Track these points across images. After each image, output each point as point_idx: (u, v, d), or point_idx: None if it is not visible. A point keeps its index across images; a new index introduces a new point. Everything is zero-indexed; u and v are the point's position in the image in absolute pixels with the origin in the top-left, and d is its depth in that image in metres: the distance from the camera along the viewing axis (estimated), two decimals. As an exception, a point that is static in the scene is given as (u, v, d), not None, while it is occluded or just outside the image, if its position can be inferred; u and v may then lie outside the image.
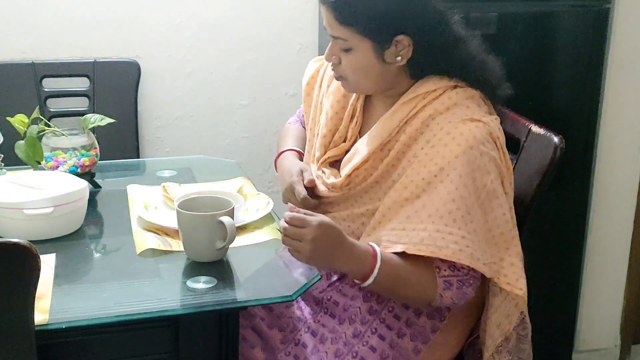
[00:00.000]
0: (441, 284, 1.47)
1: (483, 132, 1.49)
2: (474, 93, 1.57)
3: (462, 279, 1.48)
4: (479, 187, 1.47)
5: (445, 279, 1.47)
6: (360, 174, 1.60)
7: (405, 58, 1.53)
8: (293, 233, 1.40)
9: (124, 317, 1.32)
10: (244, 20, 2.42)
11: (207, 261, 1.50)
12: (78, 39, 2.32)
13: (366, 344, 1.56)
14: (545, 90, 2.36)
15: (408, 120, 1.55)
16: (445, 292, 1.47)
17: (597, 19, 2.32)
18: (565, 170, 2.35)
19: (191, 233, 1.49)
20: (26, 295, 1.18)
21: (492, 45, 2.22)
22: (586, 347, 2.73)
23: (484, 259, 1.48)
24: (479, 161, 1.47)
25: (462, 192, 1.45)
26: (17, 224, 1.56)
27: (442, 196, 1.45)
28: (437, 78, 1.56)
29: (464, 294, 1.49)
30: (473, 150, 1.46)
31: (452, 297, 1.48)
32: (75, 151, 1.85)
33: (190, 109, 2.46)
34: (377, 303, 1.59)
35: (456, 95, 1.54)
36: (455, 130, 1.48)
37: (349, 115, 1.69)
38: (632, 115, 2.52)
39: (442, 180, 1.46)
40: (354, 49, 1.52)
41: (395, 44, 1.51)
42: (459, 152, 1.46)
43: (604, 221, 2.60)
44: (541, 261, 2.44)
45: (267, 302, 1.49)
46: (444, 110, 1.53)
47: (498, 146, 1.53)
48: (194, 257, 1.51)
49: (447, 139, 1.48)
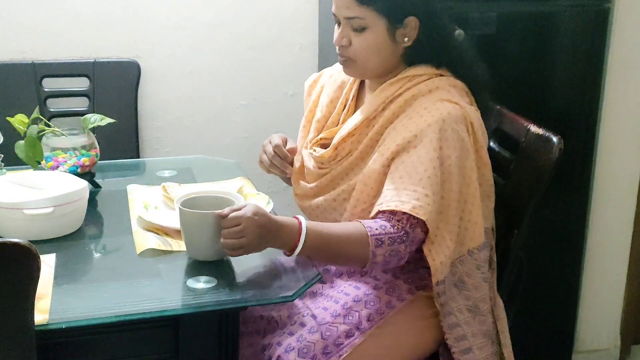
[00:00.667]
0: (373, 242, 1.51)
1: (458, 113, 1.59)
2: (457, 83, 1.68)
3: (393, 235, 1.52)
4: (444, 156, 1.56)
5: (377, 237, 1.51)
6: (346, 147, 1.69)
7: (412, 39, 1.64)
8: (234, 232, 1.43)
9: (124, 317, 1.32)
10: (243, 20, 2.43)
11: (209, 260, 1.50)
12: (78, 39, 2.33)
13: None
14: (545, 90, 2.35)
15: (393, 98, 1.65)
16: (377, 250, 1.52)
17: (596, 19, 2.32)
18: (565, 170, 2.35)
19: (193, 231, 1.49)
20: (26, 295, 1.18)
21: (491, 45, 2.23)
22: (586, 347, 2.72)
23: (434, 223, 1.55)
24: (448, 134, 1.57)
25: (431, 156, 1.55)
26: (17, 224, 1.56)
27: (413, 159, 1.55)
28: (427, 66, 1.67)
29: (397, 251, 1.53)
30: (445, 123, 1.57)
31: (384, 254, 1.53)
32: (75, 151, 1.85)
33: (190, 109, 2.46)
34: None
35: (440, 81, 1.65)
36: (433, 106, 1.60)
37: (341, 103, 1.78)
38: (632, 115, 2.52)
39: (416, 145, 1.56)
40: (368, 28, 1.61)
41: (405, 25, 1.62)
42: (431, 122, 1.57)
43: (603, 221, 2.60)
44: (541, 261, 2.45)
45: (267, 302, 1.50)
46: (427, 92, 1.63)
47: (469, 131, 1.61)
48: (196, 256, 1.51)
49: (423, 112, 1.60)
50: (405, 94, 1.64)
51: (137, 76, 2.34)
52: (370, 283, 1.67)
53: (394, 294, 1.65)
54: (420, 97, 1.63)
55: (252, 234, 1.42)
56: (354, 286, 1.67)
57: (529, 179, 1.73)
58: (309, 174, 1.77)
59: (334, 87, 1.81)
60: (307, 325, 1.59)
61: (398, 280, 1.67)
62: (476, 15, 2.19)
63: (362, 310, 1.61)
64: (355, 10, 1.60)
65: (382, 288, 1.66)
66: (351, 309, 1.61)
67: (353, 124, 1.68)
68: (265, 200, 1.77)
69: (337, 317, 1.59)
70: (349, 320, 1.59)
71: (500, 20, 2.22)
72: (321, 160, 1.73)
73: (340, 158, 1.70)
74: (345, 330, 1.58)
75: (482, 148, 1.65)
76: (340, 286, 1.68)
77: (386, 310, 1.63)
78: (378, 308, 1.62)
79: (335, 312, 1.60)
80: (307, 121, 1.85)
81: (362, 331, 1.59)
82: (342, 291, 1.66)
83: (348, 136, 1.69)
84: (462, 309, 1.63)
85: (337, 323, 1.58)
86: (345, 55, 1.66)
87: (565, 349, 2.63)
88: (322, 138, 1.77)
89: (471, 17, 2.17)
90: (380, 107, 1.65)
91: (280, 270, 1.54)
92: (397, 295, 1.65)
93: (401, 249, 1.54)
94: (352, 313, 1.60)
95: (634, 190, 2.61)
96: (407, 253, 1.55)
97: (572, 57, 2.33)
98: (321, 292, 1.68)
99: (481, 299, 1.64)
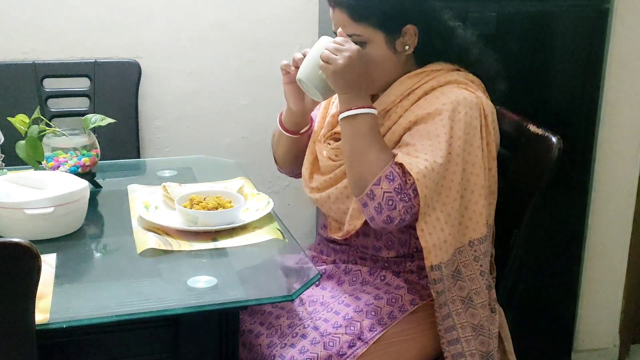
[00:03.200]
0: (387, 170, 1.55)
1: (473, 99, 1.62)
2: (475, 78, 1.71)
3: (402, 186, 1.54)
4: (454, 136, 1.58)
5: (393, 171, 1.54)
6: None
7: (412, 46, 1.67)
8: (334, 47, 1.58)
9: (124, 317, 1.33)
10: (244, 20, 2.43)
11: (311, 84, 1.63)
12: (79, 39, 2.33)
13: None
14: (545, 90, 2.36)
15: (411, 91, 1.67)
16: (384, 182, 1.54)
17: (596, 19, 2.32)
18: (564, 170, 2.35)
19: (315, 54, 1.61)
20: (27, 295, 1.18)
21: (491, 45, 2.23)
22: (585, 346, 2.73)
23: (428, 189, 1.54)
24: (461, 116, 1.59)
25: (439, 131, 1.57)
26: (17, 224, 1.56)
27: (422, 134, 1.59)
28: (442, 63, 1.69)
29: (394, 203, 1.54)
30: (459, 106, 1.60)
31: (385, 191, 1.54)
32: (75, 151, 1.85)
33: (191, 109, 2.46)
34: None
35: (457, 75, 1.68)
36: (449, 91, 1.63)
37: None
38: (631, 115, 2.52)
39: (427, 121, 1.60)
40: (368, 43, 1.64)
41: (403, 34, 1.65)
42: (446, 102, 1.60)
43: (603, 221, 2.60)
44: (541, 261, 2.45)
45: (267, 302, 1.50)
46: (445, 83, 1.66)
47: (482, 121, 1.63)
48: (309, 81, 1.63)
49: (440, 95, 1.63)
50: (424, 86, 1.66)
51: (137, 76, 2.35)
52: (371, 293, 1.67)
53: (395, 305, 1.65)
54: (438, 87, 1.65)
55: (345, 61, 1.56)
56: (354, 297, 1.67)
57: (528, 179, 1.73)
58: (325, 167, 1.76)
59: None
60: (308, 337, 1.58)
61: (400, 291, 1.67)
62: (476, 15, 2.19)
63: (364, 321, 1.61)
64: (352, 27, 1.63)
65: (383, 298, 1.65)
66: (352, 319, 1.61)
67: None
68: (265, 200, 1.77)
69: (338, 328, 1.59)
70: (350, 330, 1.59)
71: (500, 20, 2.22)
72: (336, 152, 1.73)
73: None
74: (347, 341, 1.57)
75: (492, 143, 1.65)
76: (341, 297, 1.68)
77: (388, 321, 1.63)
78: (380, 319, 1.62)
79: (336, 323, 1.60)
80: (322, 117, 1.84)
81: (364, 341, 1.58)
82: (343, 302, 1.66)
83: None
84: (455, 300, 1.63)
85: (339, 334, 1.58)
86: None
87: (565, 348, 2.64)
88: (336, 132, 1.76)
89: (471, 17, 2.18)
90: (398, 98, 1.67)
91: (280, 270, 1.54)
92: (400, 307, 1.65)
93: (398, 206, 1.54)
94: (353, 323, 1.60)
95: (633, 190, 2.61)
96: (399, 216, 1.55)
97: (572, 57, 2.33)
98: (321, 302, 1.68)
99: (475, 292, 1.64)
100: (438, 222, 1.57)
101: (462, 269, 1.63)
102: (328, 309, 1.65)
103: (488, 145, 1.65)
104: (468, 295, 1.64)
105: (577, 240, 2.53)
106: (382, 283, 1.69)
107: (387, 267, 1.71)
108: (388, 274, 1.70)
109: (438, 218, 1.57)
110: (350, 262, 1.75)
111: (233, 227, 1.63)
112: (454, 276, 1.63)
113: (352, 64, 1.57)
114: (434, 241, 1.57)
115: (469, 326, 1.63)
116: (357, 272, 1.73)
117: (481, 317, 1.64)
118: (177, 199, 1.68)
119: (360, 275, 1.72)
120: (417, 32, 1.65)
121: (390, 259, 1.70)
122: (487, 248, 1.66)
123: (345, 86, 1.59)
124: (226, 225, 1.63)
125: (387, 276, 1.70)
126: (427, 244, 1.57)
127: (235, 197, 1.72)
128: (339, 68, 1.57)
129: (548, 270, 2.49)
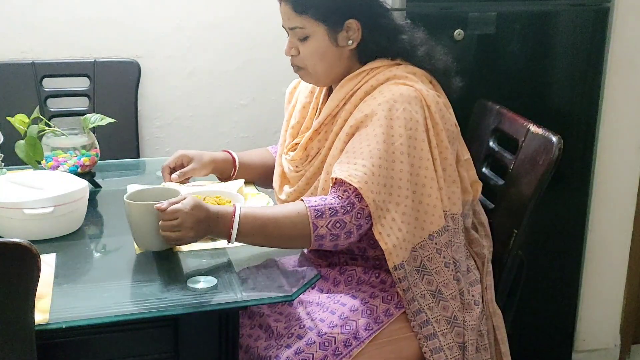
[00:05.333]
0: (312, 213, 1.54)
1: (411, 94, 1.62)
2: (416, 70, 1.71)
3: (334, 207, 1.54)
4: (394, 134, 1.59)
5: (315, 208, 1.54)
6: (314, 145, 1.73)
7: (356, 42, 1.69)
8: (170, 226, 1.48)
9: (124, 317, 1.33)
10: (243, 20, 2.43)
11: (157, 250, 1.53)
12: (78, 38, 2.33)
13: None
14: (545, 89, 2.36)
15: (353, 93, 1.69)
16: (317, 221, 1.54)
17: (596, 18, 2.32)
18: (565, 170, 2.35)
19: (138, 223, 1.51)
20: (26, 295, 1.18)
21: (491, 45, 2.24)
22: (586, 347, 2.73)
23: (377, 197, 1.55)
24: (399, 113, 1.60)
25: (377, 132, 1.58)
26: (17, 224, 1.56)
27: (361, 137, 1.60)
28: (383, 59, 1.71)
29: (341, 222, 1.55)
30: (396, 103, 1.60)
31: (326, 225, 1.54)
32: (75, 151, 1.85)
33: (190, 109, 2.46)
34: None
35: (397, 69, 1.69)
36: (387, 89, 1.64)
37: (313, 107, 1.82)
38: (631, 115, 2.52)
39: (367, 125, 1.61)
40: (310, 36, 1.67)
41: (346, 28, 1.67)
42: (382, 102, 1.61)
43: (603, 221, 2.60)
44: (541, 261, 2.45)
45: (267, 302, 1.50)
46: (385, 81, 1.67)
47: (426, 113, 1.63)
48: (144, 247, 1.53)
49: (377, 95, 1.64)
50: (364, 86, 1.67)
51: (137, 76, 2.35)
52: (367, 292, 1.67)
53: (391, 302, 1.65)
54: (379, 85, 1.66)
55: (189, 227, 1.47)
56: (350, 295, 1.66)
57: (528, 179, 1.73)
58: (291, 178, 1.79)
59: (306, 92, 1.85)
60: (304, 338, 1.58)
61: (395, 288, 1.67)
62: (476, 15, 2.19)
63: (360, 320, 1.60)
64: (294, 20, 1.67)
65: (378, 296, 1.65)
66: (348, 318, 1.60)
67: (318, 123, 1.72)
68: (265, 199, 1.77)
69: (334, 328, 1.59)
70: (346, 330, 1.59)
71: (500, 20, 2.22)
72: (295, 163, 1.76)
73: (312, 158, 1.73)
74: (343, 340, 1.57)
75: (442, 132, 1.65)
76: (337, 296, 1.67)
77: (384, 318, 1.62)
78: (376, 317, 1.62)
79: (332, 322, 1.60)
80: (284, 130, 1.88)
81: (360, 340, 1.58)
82: (339, 301, 1.65)
83: (314, 134, 1.73)
84: (425, 294, 1.62)
85: (335, 333, 1.58)
86: (296, 64, 1.73)
87: (565, 348, 2.63)
88: (296, 143, 1.79)
89: (470, 17, 2.17)
90: (342, 102, 1.69)
91: (280, 270, 1.54)
92: (395, 304, 1.65)
93: (346, 220, 1.55)
94: (349, 323, 1.60)
95: (634, 190, 2.61)
96: (354, 226, 1.55)
97: (572, 56, 2.33)
98: (317, 302, 1.68)
99: (443, 284, 1.64)
100: (394, 223, 1.57)
101: (426, 263, 1.63)
102: (324, 309, 1.65)
103: (438, 136, 1.65)
104: (437, 288, 1.63)
105: (578, 240, 2.53)
106: (377, 281, 1.69)
107: (379, 266, 1.71)
108: (382, 272, 1.70)
109: (393, 219, 1.58)
110: (342, 264, 1.75)
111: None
112: (420, 271, 1.63)
113: (188, 225, 1.48)
114: (393, 242, 1.57)
115: (442, 319, 1.63)
116: (352, 272, 1.72)
117: (453, 309, 1.64)
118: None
119: (356, 275, 1.72)
120: (359, 27, 1.67)
121: (379, 256, 1.70)
122: (450, 238, 1.66)
123: (204, 233, 1.52)
124: None
125: (381, 274, 1.70)
126: (387, 246, 1.57)
127: (235, 197, 1.72)
128: (186, 237, 1.49)
129: (548, 270, 2.49)
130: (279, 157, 1.86)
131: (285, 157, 1.81)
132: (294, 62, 1.73)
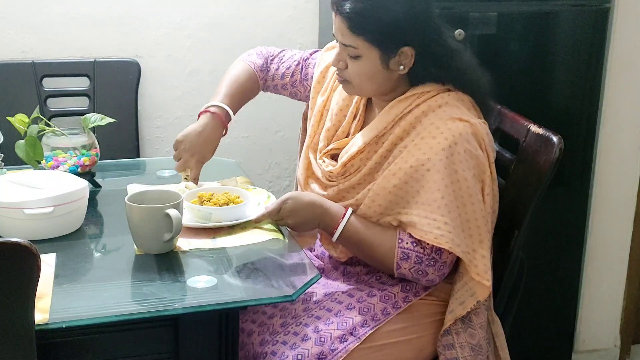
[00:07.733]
0: (398, 253, 1.60)
1: (468, 131, 1.61)
2: (464, 97, 1.69)
3: (421, 256, 1.60)
4: (460, 179, 1.59)
5: (404, 250, 1.60)
6: (355, 164, 1.70)
7: (407, 67, 1.64)
8: (277, 219, 1.66)
9: (124, 317, 1.33)
10: (244, 19, 2.42)
11: (156, 253, 1.53)
12: (78, 38, 2.33)
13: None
14: (545, 89, 2.36)
15: (403, 115, 1.66)
16: (402, 263, 1.61)
17: (596, 19, 2.32)
18: (565, 170, 2.35)
19: (139, 225, 1.52)
20: (26, 295, 1.18)
21: (491, 45, 2.23)
22: (586, 347, 2.73)
23: (463, 246, 1.59)
24: (462, 156, 1.59)
25: (446, 181, 1.57)
26: (17, 224, 1.56)
27: (429, 185, 1.58)
28: (433, 84, 1.68)
29: (423, 272, 1.61)
30: (457, 145, 1.59)
31: (409, 269, 1.61)
32: (75, 151, 1.85)
33: (190, 108, 2.46)
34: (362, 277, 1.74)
35: (448, 96, 1.67)
36: (444, 126, 1.60)
37: (352, 113, 1.78)
38: (632, 115, 2.52)
39: (429, 169, 1.58)
40: (362, 56, 1.63)
41: (399, 54, 1.62)
42: (445, 145, 1.58)
43: (603, 221, 2.60)
44: (541, 261, 2.45)
45: (267, 302, 1.50)
46: (436, 108, 1.64)
47: (482, 147, 1.63)
48: (144, 249, 1.54)
49: (435, 132, 1.60)
50: (415, 111, 1.65)
51: (137, 76, 2.34)
52: (364, 291, 1.67)
53: (389, 302, 1.65)
54: (430, 112, 1.63)
55: (292, 218, 1.64)
56: (347, 294, 1.67)
57: (529, 179, 1.73)
58: (320, 183, 1.78)
59: (343, 95, 1.79)
60: (300, 334, 1.58)
61: (394, 288, 1.67)
62: (476, 15, 2.19)
63: (356, 317, 1.61)
64: (349, 38, 1.62)
65: (376, 295, 1.66)
66: (344, 315, 1.61)
67: (362, 142, 1.68)
68: (265, 194, 1.79)
69: (330, 325, 1.59)
70: (342, 326, 1.59)
71: (500, 20, 2.22)
72: (329, 175, 1.74)
73: (349, 174, 1.71)
74: (339, 336, 1.58)
75: (492, 164, 1.66)
76: (334, 294, 1.68)
77: (381, 317, 1.63)
78: (373, 315, 1.62)
79: (328, 319, 1.60)
80: (316, 122, 1.83)
81: (356, 337, 1.59)
82: (336, 299, 1.66)
83: (357, 153, 1.69)
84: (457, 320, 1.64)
85: (331, 330, 1.58)
86: (342, 76, 1.69)
87: (565, 349, 2.63)
88: (332, 149, 1.77)
89: (471, 17, 2.17)
90: (390, 124, 1.66)
91: (280, 270, 1.54)
92: (393, 303, 1.65)
93: (429, 272, 1.60)
94: (345, 319, 1.60)
95: (634, 190, 2.61)
96: (437, 276, 1.62)
97: (572, 57, 2.33)
98: (315, 300, 1.68)
99: (475, 313, 1.64)
100: (485, 259, 1.61)
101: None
102: (321, 306, 1.65)
103: (492, 165, 1.66)
104: (468, 315, 1.64)
105: (578, 241, 2.53)
106: (377, 282, 1.70)
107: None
108: (383, 274, 1.70)
109: (483, 256, 1.61)
110: (347, 264, 1.75)
111: (233, 225, 1.65)
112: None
113: (297, 218, 1.65)
114: (488, 276, 1.61)
115: (467, 346, 1.64)
116: (354, 273, 1.73)
117: (480, 337, 1.65)
118: (184, 196, 1.67)
119: (357, 276, 1.73)
120: (414, 54, 1.62)
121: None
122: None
123: (313, 223, 1.66)
124: (236, 220, 1.65)
125: (382, 276, 1.71)
126: (489, 283, 1.61)
127: (242, 193, 1.73)
128: (295, 223, 1.65)
129: (548, 270, 2.49)
130: (306, 147, 1.83)
131: (319, 161, 1.78)
132: (340, 74, 1.69)
